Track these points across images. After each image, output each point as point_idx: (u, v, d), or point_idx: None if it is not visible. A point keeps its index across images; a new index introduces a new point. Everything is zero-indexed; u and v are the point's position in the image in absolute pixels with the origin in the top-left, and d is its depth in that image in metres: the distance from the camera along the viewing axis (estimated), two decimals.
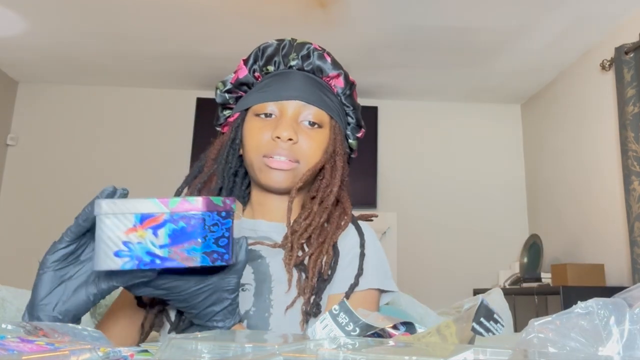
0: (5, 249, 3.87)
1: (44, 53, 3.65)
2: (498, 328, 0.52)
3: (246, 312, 0.83)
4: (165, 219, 0.60)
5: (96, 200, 0.60)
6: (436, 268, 4.01)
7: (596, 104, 3.27)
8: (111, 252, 0.58)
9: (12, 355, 0.40)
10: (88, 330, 0.56)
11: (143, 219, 0.60)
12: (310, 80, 0.93)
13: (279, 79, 0.93)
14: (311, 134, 0.90)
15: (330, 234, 0.88)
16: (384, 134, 4.21)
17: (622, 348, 0.39)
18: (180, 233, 0.59)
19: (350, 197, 0.98)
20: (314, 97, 0.91)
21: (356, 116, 0.99)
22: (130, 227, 0.59)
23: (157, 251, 0.59)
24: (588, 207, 3.32)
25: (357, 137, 1.01)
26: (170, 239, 0.59)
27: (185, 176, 0.95)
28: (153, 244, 0.59)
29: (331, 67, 0.94)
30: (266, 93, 0.91)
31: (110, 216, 0.59)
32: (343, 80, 0.95)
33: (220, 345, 0.43)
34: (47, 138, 4.10)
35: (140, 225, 0.59)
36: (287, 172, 0.89)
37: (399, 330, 0.57)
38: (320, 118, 0.91)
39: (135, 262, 0.58)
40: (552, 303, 3.44)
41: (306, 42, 0.95)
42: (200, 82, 4.05)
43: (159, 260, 0.58)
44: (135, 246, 0.58)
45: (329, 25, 3.14)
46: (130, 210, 0.60)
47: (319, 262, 0.84)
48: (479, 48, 3.39)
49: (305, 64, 0.93)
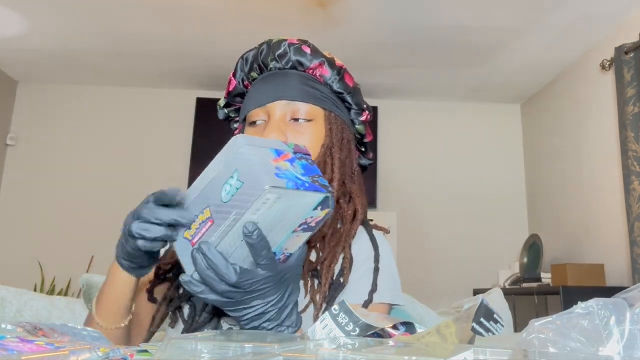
0: (5, 249, 3.87)
1: (44, 53, 3.65)
2: (498, 328, 0.52)
3: None
4: (292, 156, 0.65)
5: (234, 138, 0.62)
6: (436, 268, 4.01)
7: (596, 104, 3.27)
8: (272, 172, 0.59)
9: (12, 355, 0.40)
10: (88, 330, 0.56)
11: (279, 153, 0.64)
12: (292, 77, 0.91)
13: (263, 83, 0.92)
14: (302, 130, 0.89)
15: (344, 236, 0.86)
16: (384, 134, 4.21)
17: (622, 348, 0.39)
18: (307, 167, 0.65)
19: (364, 192, 0.95)
20: (297, 93, 0.89)
21: (355, 100, 0.95)
22: (274, 158, 0.62)
23: (303, 178, 0.62)
24: (588, 207, 3.32)
25: (362, 121, 0.97)
26: (304, 170, 0.64)
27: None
28: (296, 170, 0.63)
29: (311, 58, 0.92)
30: (252, 100, 0.91)
31: (253, 148, 0.61)
32: (327, 68, 0.92)
33: (220, 346, 0.43)
34: (47, 138, 4.10)
35: (279, 157, 0.63)
36: None
37: (399, 330, 0.57)
38: (309, 112, 0.89)
39: (294, 183, 0.60)
40: (552, 303, 3.44)
41: (283, 39, 0.93)
42: (200, 82, 4.05)
43: (308, 184, 0.62)
44: (286, 172, 0.61)
45: (329, 25, 3.14)
46: (266, 145, 0.64)
47: (332, 269, 0.83)
48: (479, 48, 3.39)
49: (284, 62, 0.91)
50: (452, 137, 4.26)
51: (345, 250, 0.85)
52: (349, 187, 0.92)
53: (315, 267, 0.84)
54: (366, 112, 0.97)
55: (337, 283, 0.83)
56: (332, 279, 0.83)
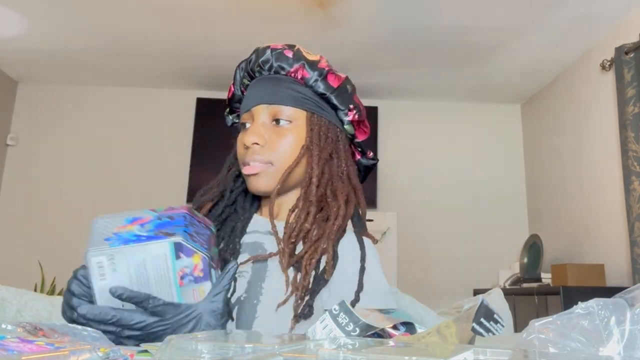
0: (5, 249, 3.87)
1: (44, 53, 3.65)
2: (498, 328, 0.52)
3: (238, 298, 0.84)
4: (150, 219, 0.68)
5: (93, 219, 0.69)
6: (436, 268, 4.01)
7: (596, 104, 3.27)
8: (102, 238, 0.65)
9: (12, 356, 0.40)
10: (88, 330, 0.56)
11: (132, 220, 0.68)
12: (273, 81, 0.94)
13: (250, 90, 0.96)
14: (282, 132, 0.92)
15: (327, 231, 0.87)
16: (384, 134, 4.21)
17: (622, 348, 0.39)
18: (163, 224, 0.67)
19: (361, 191, 0.97)
20: (278, 97, 0.92)
21: (340, 100, 0.96)
22: (121, 225, 0.67)
23: (143, 233, 0.65)
24: (588, 207, 3.32)
25: (349, 120, 0.98)
26: (155, 227, 0.67)
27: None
28: (140, 230, 0.66)
29: (291, 61, 0.93)
30: (243, 105, 0.96)
31: (105, 219, 0.68)
32: (308, 70, 0.94)
33: (220, 346, 0.43)
34: (47, 138, 4.10)
35: (129, 224, 0.67)
36: (259, 175, 0.90)
37: (399, 330, 0.57)
38: (290, 114, 0.92)
39: (123, 240, 0.64)
40: (552, 303, 3.44)
41: (267, 46, 0.96)
42: (200, 82, 4.05)
43: (144, 238, 0.65)
44: (122, 234, 0.65)
45: (329, 25, 3.14)
46: (124, 216, 0.69)
47: (313, 262, 0.84)
48: (479, 48, 3.39)
49: (267, 68, 0.94)
50: (452, 137, 4.26)
51: (328, 247, 0.86)
52: (335, 185, 0.93)
53: (296, 260, 0.85)
54: (352, 112, 0.97)
55: (320, 277, 0.84)
56: (317, 273, 0.84)
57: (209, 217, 0.93)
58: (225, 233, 0.94)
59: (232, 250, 0.90)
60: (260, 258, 0.88)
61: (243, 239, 0.93)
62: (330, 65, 0.96)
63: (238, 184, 0.99)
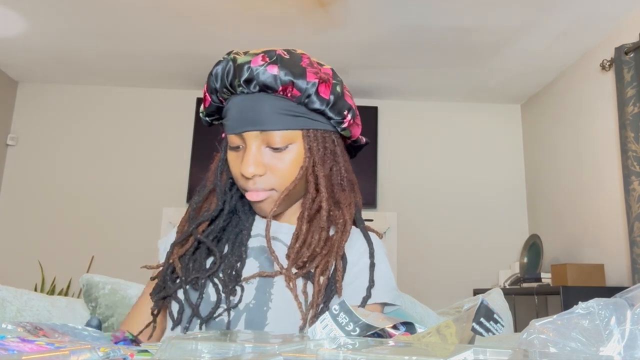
0: (5, 249, 3.87)
1: (44, 53, 3.65)
2: (498, 328, 0.52)
3: (246, 304, 0.84)
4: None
5: None
6: (436, 268, 4.01)
7: (596, 104, 3.27)
8: None
9: (12, 355, 0.40)
10: (88, 330, 0.56)
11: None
12: (262, 102, 0.86)
13: (235, 105, 0.88)
14: (280, 157, 0.88)
15: (336, 244, 0.87)
16: (384, 134, 4.21)
17: (623, 348, 0.39)
18: None
19: (355, 194, 0.96)
20: (270, 121, 0.86)
21: (335, 111, 0.90)
22: None
23: None
24: (588, 207, 3.32)
25: (344, 127, 0.93)
26: None
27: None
28: None
29: (279, 80, 0.85)
30: (230, 122, 0.89)
31: None
32: (299, 88, 0.86)
33: (220, 345, 0.43)
34: (47, 138, 4.10)
35: None
36: (265, 201, 0.89)
37: (399, 330, 0.57)
38: (285, 138, 0.87)
39: None
40: (552, 303, 3.43)
41: (245, 62, 0.87)
42: (200, 82, 4.05)
43: None
44: None
45: (329, 25, 3.14)
46: None
47: (324, 279, 0.84)
48: (479, 48, 3.39)
49: (252, 87, 0.86)
50: (452, 137, 4.26)
51: (337, 260, 0.85)
52: (337, 196, 0.92)
53: (307, 271, 0.84)
54: (347, 119, 0.92)
55: (329, 289, 0.84)
56: (327, 283, 0.84)
57: (210, 231, 0.91)
58: (229, 239, 0.93)
59: (237, 256, 0.90)
60: (266, 275, 0.87)
61: (248, 243, 0.93)
62: (312, 63, 0.90)
63: (234, 191, 0.96)
